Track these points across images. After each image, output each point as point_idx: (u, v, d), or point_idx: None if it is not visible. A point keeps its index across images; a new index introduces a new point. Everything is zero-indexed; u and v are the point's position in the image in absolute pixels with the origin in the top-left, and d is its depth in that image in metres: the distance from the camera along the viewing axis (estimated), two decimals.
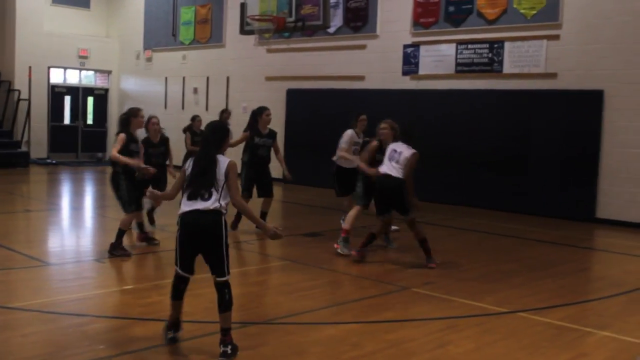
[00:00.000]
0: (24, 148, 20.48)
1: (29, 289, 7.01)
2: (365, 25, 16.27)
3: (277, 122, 17.58)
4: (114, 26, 23.46)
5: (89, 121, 23.19)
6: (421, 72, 15.25)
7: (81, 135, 22.79)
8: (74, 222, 11.80)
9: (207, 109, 19.90)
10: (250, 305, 6.55)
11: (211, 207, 5.01)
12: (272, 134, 10.34)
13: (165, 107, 20.99)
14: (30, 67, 20.97)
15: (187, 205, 5.03)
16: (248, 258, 9.04)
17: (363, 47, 16.31)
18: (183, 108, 20.50)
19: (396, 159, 8.15)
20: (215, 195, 5.02)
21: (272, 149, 10.32)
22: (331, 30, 16.38)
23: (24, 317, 5.94)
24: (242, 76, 19.01)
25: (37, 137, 21.29)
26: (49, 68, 21.81)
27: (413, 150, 8.14)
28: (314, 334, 5.70)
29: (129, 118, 8.47)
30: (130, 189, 8.42)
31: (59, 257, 8.58)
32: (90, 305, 6.50)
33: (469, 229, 11.54)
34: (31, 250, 8.77)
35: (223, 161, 5.10)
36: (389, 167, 8.16)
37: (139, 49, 22.39)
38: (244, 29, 15.23)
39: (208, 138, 5.19)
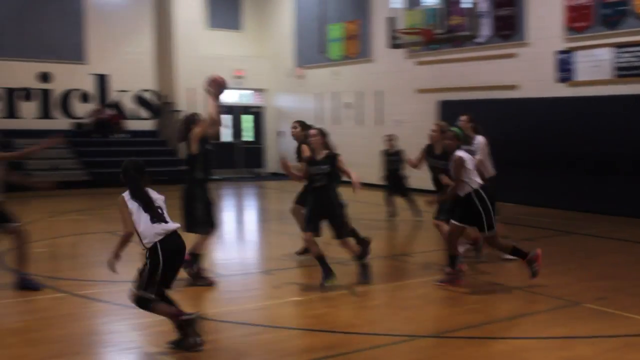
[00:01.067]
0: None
1: (203, 299, 7.42)
2: (515, 33, 15.92)
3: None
4: (266, 46, 24.32)
5: (247, 138, 24.18)
6: (577, 78, 14.72)
7: (240, 152, 23.82)
8: (239, 236, 12.32)
9: (360, 123, 20.25)
10: (418, 318, 6.59)
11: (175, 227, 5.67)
12: (331, 158, 7.98)
13: (319, 122, 21.43)
14: (190, 89, 22.15)
15: (161, 229, 5.50)
16: (410, 271, 9.08)
17: (513, 55, 15.97)
18: (336, 123, 20.93)
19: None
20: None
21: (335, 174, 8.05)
22: (480, 39, 16.18)
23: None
24: (393, 89, 19.14)
25: None
26: None
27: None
28: (483, 349, 5.65)
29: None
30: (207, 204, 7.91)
31: (228, 269, 9.00)
32: (261, 315, 6.79)
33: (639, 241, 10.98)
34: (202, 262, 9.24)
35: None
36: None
37: (290, 66, 23.09)
38: (393, 43, 15.39)
39: (136, 177, 5.66)
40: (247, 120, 24.25)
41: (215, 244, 11.10)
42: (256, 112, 24.27)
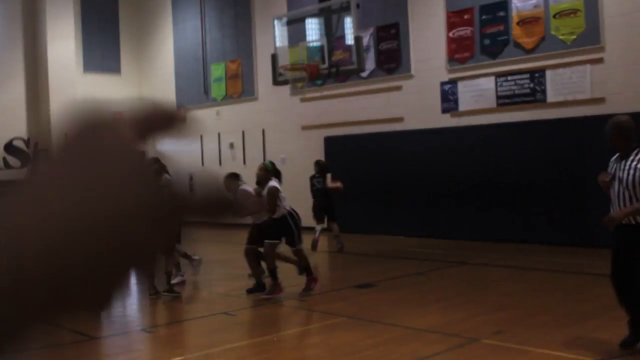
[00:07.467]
0: None
1: None
2: (399, 66, 15.93)
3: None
4: (146, 88, 23.54)
5: None
6: (461, 108, 14.80)
7: None
8: None
9: (244, 162, 19.70)
10: None
11: None
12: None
13: (202, 164, 20.81)
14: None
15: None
16: (299, 317, 8.55)
17: (399, 88, 15.96)
18: (220, 164, 20.31)
19: None
20: None
21: None
22: (364, 74, 16.04)
23: None
24: (278, 127, 18.77)
25: None
26: None
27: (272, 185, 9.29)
28: None
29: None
30: None
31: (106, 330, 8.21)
32: None
33: (529, 268, 10.84)
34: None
35: None
36: None
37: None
38: (277, 80, 15.05)
39: None
40: None
41: None
42: None
